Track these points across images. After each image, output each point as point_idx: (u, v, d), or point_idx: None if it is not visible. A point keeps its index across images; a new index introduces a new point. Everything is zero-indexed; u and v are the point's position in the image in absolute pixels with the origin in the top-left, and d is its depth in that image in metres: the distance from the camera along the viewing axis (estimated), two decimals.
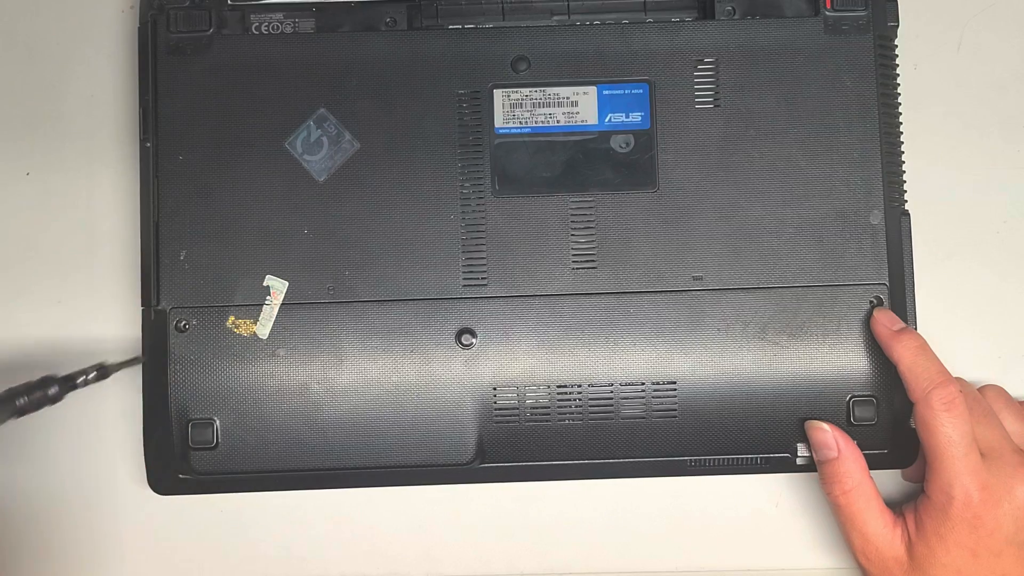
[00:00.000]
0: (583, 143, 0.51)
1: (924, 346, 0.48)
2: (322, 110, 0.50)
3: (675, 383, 0.49)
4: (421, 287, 0.50)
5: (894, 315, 0.49)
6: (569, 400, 0.49)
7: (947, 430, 0.46)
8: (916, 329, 0.50)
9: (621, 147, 0.51)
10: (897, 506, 0.48)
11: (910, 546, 0.47)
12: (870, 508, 0.47)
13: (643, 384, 0.49)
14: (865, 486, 0.48)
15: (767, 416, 0.49)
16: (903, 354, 0.48)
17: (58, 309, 0.53)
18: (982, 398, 0.49)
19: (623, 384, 0.49)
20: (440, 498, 0.52)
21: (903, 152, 0.51)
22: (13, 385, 0.46)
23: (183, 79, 0.50)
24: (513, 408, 0.49)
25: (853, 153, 0.50)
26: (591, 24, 0.52)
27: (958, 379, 0.48)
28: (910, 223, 0.51)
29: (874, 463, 0.50)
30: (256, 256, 0.50)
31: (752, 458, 0.50)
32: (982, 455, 0.46)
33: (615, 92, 0.51)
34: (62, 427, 0.53)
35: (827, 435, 0.48)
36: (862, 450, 0.49)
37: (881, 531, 0.47)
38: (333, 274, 0.50)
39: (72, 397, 0.53)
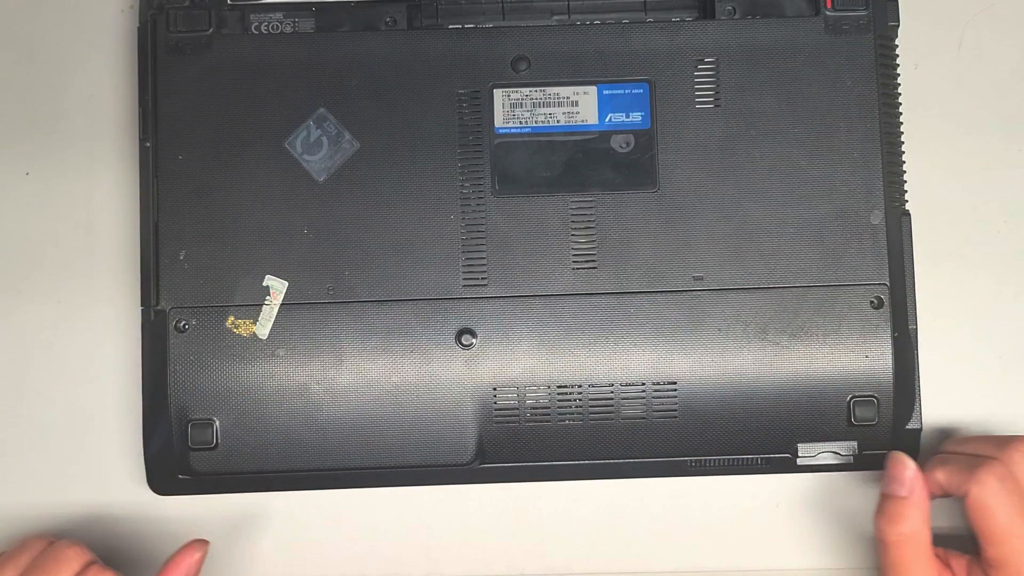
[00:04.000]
0: (583, 143, 0.51)
1: (939, 458, 0.47)
2: (322, 110, 0.50)
3: (675, 383, 0.49)
4: (421, 287, 0.50)
5: (897, 479, 0.46)
6: (569, 400, 0.49)
7: (1007, 509, 0.44)
8: (917, 328, 0.50)
9: (621, 147, 0.51)
10: (940, 554, 0.48)
11: None
12: (919, 558, 0.45)
13: (643, 384, 0.49)
14: (921, 536, 0.45)
15: (768, 416, 0.49)
16: (936, 477, 0.46)
17: (58, 309, 0.53)
18: None
19: (623, 384, 0.49)
20: (440, 498, 0.52)
21: (903, 152, 0.51)
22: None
23: (183, 79, 0.50)
24: (513, 408, 0.49)
25: (853, 153, 0.50)
26: (591, 24, 0.52)
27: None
28: (911, 223, 0.51)
29: (875, 463, 0.50)
30: (256, 256, 0.50)
31: (753, 458, 0.50)
32: None
33: (615, 92, 0.51)
34: (62, 427, 0.53)
35: (904, 472, 0.46)
36: (863, 450, 0.49)
37: None
38: (333, 274, 0.50)
39: (70, 397, 0.53)
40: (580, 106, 0.51)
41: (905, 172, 0.51)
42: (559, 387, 0.49)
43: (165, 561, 0.48)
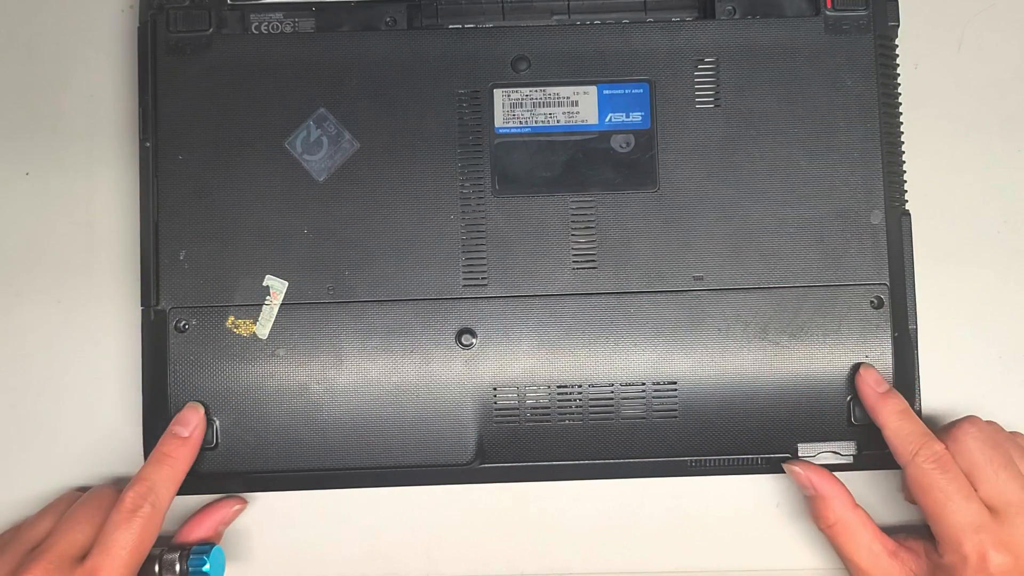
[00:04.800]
0: (583, 143, 0.51)
1: (907, 409, 0.48)
2: (322, 110, 0.50)
3: (675, 383, 0.49)
4: (421, 287, 0.50)
5: (879, 375, 0.49)
6: (569, 400, 0.49)
7: (942, 485, 0.45)
8: (917, 328, 0.50)
9: (621, 147, 0.51)
10: (902, 533, 0.48)
11: None
12: (856, 539, 0.47)
13: (643, 384, 0.49)
14: (847, 520, 0.48)
15: (767, 416, 0.49)
16: (888, 418, 0.47)
17: (58, 309, 0.53)
18: (1009, 442, 0.48)
19: (623, 384, 0.49)
20: (440, 498, 0.52)
21: (903, 152, 0.51)
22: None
23: (182, 79, 0.50)
24: (513, 408, 0.49)
25: (853, 153, 0.50)
26: (591, 24, 0.52)
27: (991, 422, 0.48)
28: (911, 223, 0.51)
29: (874, 463, 0.50)
30: (256, 256, 0.50)
31: (753, 458, 0.50)
32: (997, 509, 0.45)
33: (615, 92, 0.51)
34: (62, 428, 0.52)
35: (800, 476, 0.49)
36: (862, 451, 0.49)
37: (875, 562, 0.47)
38: (333, 274, 0.50)
39: (70, 397, 0.53)
40: (580, 106, 0.51)
41: (905, 172, 0.51)
42: (559, 387, 0.49)
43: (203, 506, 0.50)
